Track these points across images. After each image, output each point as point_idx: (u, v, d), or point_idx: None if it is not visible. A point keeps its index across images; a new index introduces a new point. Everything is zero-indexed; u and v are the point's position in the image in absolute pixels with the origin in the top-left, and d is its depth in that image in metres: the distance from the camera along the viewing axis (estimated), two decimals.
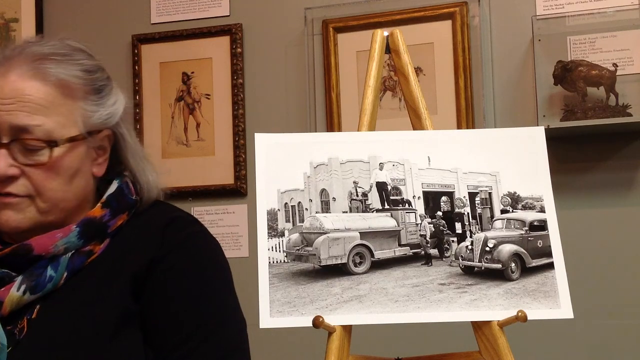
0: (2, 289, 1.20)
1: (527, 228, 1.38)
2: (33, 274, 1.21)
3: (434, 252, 1.37)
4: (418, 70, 2.53)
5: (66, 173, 1.25)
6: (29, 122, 1.21)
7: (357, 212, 1.37)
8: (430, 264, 1.36)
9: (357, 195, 1.38)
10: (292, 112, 2.69)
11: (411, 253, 1.37)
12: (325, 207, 1.37)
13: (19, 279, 1.21)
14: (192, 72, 2.78)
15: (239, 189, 2.70)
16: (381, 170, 1.39)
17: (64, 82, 1.24)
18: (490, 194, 1.40)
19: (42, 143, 1.22)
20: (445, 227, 1.38)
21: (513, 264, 1.36)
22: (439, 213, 1.39)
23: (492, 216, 1.39)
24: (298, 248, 1.34)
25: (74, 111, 1.25)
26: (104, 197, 1.30)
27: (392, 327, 1.39)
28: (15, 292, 1.20)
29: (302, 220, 1.36)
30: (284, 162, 1.38)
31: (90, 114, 1.27)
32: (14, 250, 1.21)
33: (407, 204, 1.39)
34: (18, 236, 1.24)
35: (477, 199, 1.40)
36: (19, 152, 1.22)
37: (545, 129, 1.46)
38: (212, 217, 2.72)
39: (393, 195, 1.39)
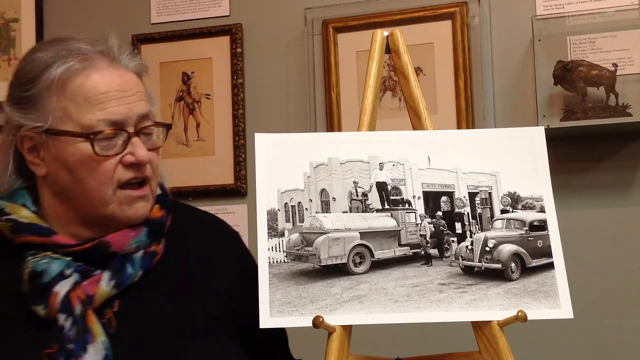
0: (87, 284, 1.25)
1: (527, 228, 1.38)
2: (117, 270, 1.27)
3: (434, 252, 1.37)
4: (418, 70, 2.53)
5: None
6: (148, 108, 1.30)
7: (357, 212, 1.37)
8: (430, 264, 1.36)
9: (357, 195, 1.38)
10: (292, 112, 2.69)
11: (411, 253, 1.37)
12: (325, 207, 1.37)
13: (106, 274, 1.26)
14: (192, 72, 2.78)
15: (239, 189, 2.70)
16: (381, 170, 1.39)
17: (138, 74, 1.34)
18: (490, 194, 1.40)
19: (163, 127, 1.32)
20: (445, 227, 1.38)
21: (513, 264, 1.36)
22: (439, 213, 1.39)
23: (492, 216, 1.39)
24: (298, 248, 1.34)
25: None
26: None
27: (392, 327, 1.39)
28: (105, 286, 1.25)
29: (302, 220, 1.36)
30: (284, 162, 1.38)
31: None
32: (94, 245, 1.26)
33: (407, 204, 1.39)
34: (83, 231, 1.30)
35: (477, 199, 1.39)
36: (142, 138, 1.29)
37: (545, 129, 1.46)
38: None
39: (393, 195, 1.39)
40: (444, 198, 1.39)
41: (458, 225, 1.38)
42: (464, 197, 1.39)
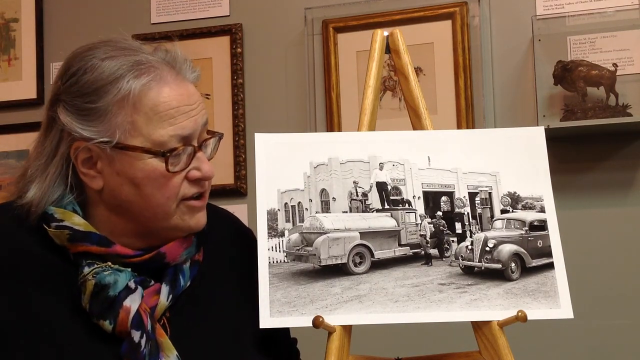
0: (145, 295, 1.22)
1: (527, 228, 1.38)
2: (171, 281, 1.27)
3: (434, 252, 1.37)
4: (418, 70, 2.53)
5: None
6: (207, 115, 1.28)
7: (357, 212, 1.37)
8: (430, 264, 1.36)
9: (357, 195, 1.38)
10: (292, 112, 2.69)
11: (411, 253, 1.37)
12: (325, 207, 1.37)
13: (165, 287, 1.25)
14: None
15: (239, 189, 2.70)
16: (381, 170, 1.39)
17: (195, 85, 1.30)
18: (490, 194, 1.40)
19: (217, 137, 1.31)
20: (445, 227, 1.38)
21: (513, 264, 1.35)
22: (439, 213, 1.39)
23: (492, 216, 1.39)
24: (298, 248, 1.34)
25: None
26: None
27: (392, 327, 1.39)
28: (165, 299, 1.25)
29: (302, 220, 1.36)
30: (284, 162, 1.37)
31: None
32: (151, 257, 1.25)
33: (407, 204, 1.39)
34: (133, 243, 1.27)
35: (477, 199, 1.39)
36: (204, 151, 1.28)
37: (545, 129, 1.46)
38: None
39: (393, 195, 1.39)
40: (444, 198, 1.39)
41: (458, 225, 1.38)
42: (464, 197, 1.39)
